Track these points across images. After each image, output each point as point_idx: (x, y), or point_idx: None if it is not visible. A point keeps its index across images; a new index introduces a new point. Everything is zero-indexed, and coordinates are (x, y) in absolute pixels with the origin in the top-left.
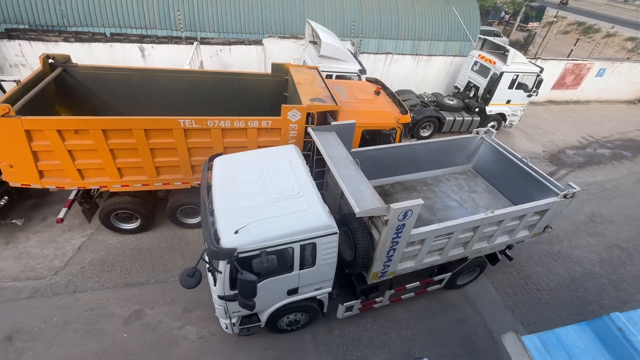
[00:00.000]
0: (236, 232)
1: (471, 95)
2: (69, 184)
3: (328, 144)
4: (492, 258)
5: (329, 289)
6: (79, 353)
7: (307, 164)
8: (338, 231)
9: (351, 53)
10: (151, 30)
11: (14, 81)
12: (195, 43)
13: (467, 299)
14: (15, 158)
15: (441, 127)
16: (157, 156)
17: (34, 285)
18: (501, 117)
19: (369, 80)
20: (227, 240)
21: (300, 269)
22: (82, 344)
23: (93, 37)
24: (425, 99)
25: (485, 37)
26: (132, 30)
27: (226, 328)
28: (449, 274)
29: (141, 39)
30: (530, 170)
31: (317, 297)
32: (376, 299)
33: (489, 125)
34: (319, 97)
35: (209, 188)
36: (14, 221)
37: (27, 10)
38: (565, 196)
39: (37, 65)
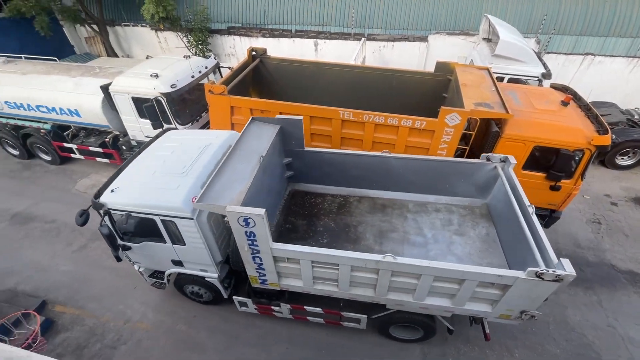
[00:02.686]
0: (112, 190)
1: None
2: None
3: (255, 136)
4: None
5: (215, 275)
6: None
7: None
8: (194, 218)
9: (535, 53)
10: (327, 27)
11: (228, 68)
12: (363, 39)
13: None
14: (221, 126)
15: None
16: (315, 140)
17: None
18: None
19: (554, 87)
20: (104, 195)
21: (173, 244)
22: None
23: (282, 33)
24: (636, 117)
25: None
26: (311, 27)
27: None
28: (364, 316)
29: (317, 35)
30: (523, 225)
31: (209, 280)
32: (273, 307)
33: None
34: (485, 102)
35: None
36: None
37: (242, 13)
38: (538, 275)
39: (242, 56)
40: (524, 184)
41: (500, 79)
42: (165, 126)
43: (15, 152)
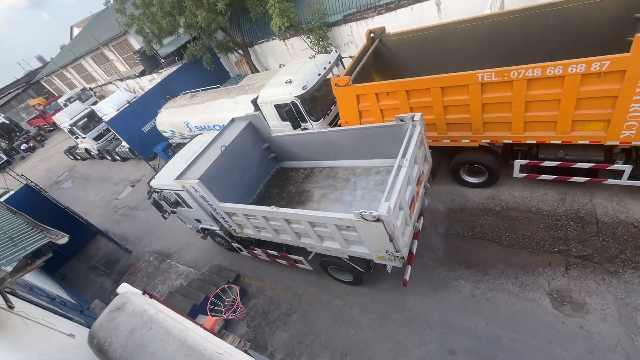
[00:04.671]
0: (154, 177)
1: None
2: None
3: (229, 131)
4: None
5: (217, 228)
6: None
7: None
8: (184, 190)
9: None
10: None
11: (349, 57)
12: None
13: None
14: (349, 116)
15: None
16: (449, 113)
17: None
18: None
19: None
20: (152, 180)
21: (188, 208)
22: None
23: (398, 4)
24: None
25: None
26: None
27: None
28: (302, 257)
29: None
30: (390, 178)
31: (218, 232)
32: (254, 250)
33: None
34: None
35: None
36: None
37: None
38: (362, 217)
39: (361, 41)
40: None
41: None
42: (303, 125)
43: None
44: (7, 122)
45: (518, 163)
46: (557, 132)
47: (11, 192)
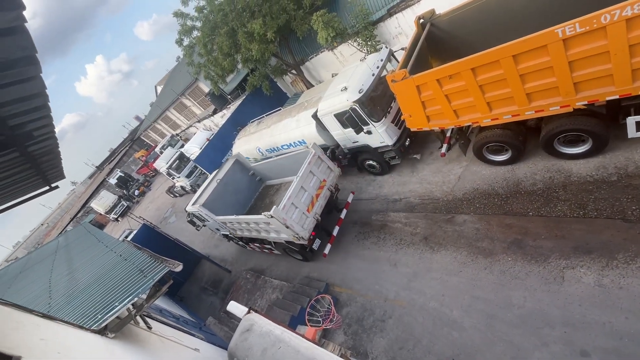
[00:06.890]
0: (188, 203)
1: None
2: (448, 124)
3: (224, 168)
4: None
5: (228, 233)
6: (470, 262)
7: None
8: (197, 211)
9: None
10: None
11: (401, 49)
12: None
13: None
14: (412, 109)
15: None
16: (529, 81)
17: (433, 203)
18: None
19: None
20: (187, 206)
21: (209, 222)
22: (471, 255)
23: None
24: None
25: None
26: None
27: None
28: (270, 246)
29: None
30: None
31: (230, 235)
32: (250, 244)
33: None
34: None
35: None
36: (414, 156)
37: None
38: (264, 215)
39: (410, 30)
40: None
41: None
42: (365, 129)
43: None
44: (123, 174)
45: (632, 120)
46: None
47: (134, 232)
